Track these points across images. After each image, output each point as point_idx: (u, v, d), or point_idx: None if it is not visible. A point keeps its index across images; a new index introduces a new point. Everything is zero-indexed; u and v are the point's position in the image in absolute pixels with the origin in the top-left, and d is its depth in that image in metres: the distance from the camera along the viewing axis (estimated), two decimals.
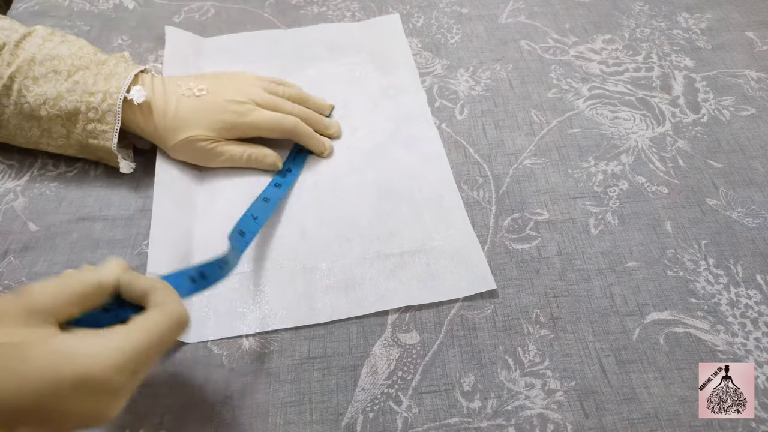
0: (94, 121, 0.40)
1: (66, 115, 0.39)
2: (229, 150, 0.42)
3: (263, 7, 0.59)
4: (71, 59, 0.40)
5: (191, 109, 0.41)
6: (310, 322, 0.36)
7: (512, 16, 0.59)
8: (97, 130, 0.40)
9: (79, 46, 0.42)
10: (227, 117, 0.41)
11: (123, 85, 0.40)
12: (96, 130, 0.40)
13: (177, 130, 0.41)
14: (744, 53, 0.54)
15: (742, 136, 0.47)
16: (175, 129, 0.41)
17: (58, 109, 0.39)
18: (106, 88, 0.40)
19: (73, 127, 0.40)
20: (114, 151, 0.40)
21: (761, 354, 0.35)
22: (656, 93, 0.51)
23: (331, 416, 0.33)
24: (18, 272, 0.38)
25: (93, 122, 0.40)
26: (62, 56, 0.40)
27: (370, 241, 0.40)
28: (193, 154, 0.42)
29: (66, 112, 0.39)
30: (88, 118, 0.39)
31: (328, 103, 0.48)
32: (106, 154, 0.41)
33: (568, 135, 0.47)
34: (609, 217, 0.42)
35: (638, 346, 0.35)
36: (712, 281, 0.39)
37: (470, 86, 0.51)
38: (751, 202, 0.43)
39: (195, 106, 0.41)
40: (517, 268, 0.39)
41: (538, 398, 0.33)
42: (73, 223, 0.41)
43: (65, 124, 0.40)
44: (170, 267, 0.38)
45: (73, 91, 0.39)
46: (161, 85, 0.42)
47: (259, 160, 0.43)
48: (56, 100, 0.39)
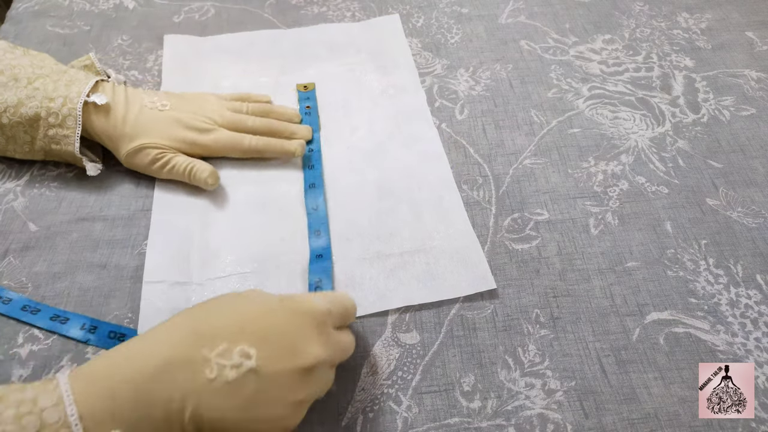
0: (55, 126, 0.40)
1: (27, 121, 0.40)
2: (175, 162, 0.41)
3: (263, 7, 0.59)
4: (32, 68, 0.41)
5: (151, 119, 0.41)
6: None
7: (512, 16, 0.59)
8: (58, 135, 0.40)
9: (41, 59, 0.42)
10: (187, 134, 0.42)
11: (83, 90, 0.40)
12: (57, 135, 0.40)
13: (133, 137, 0.41)
14: (744, 53, 0.54)
15: (742, 136, 0.47)
16: (132, 136, 0.41)
17: (19, 116, 0.40)
18: (66, 93, 0.40)
19: (36, 133, 0.40)
20: (77, 155, 0.40)
21: (761, 354, 0.35)
22: (656, 93, 0.51)
23: (331, 416, 0.33)
24: (18, 272, 0.38)
25: (54, 127, 0.40)
26: (22, 65, 0.41)
27: (370, 241, 0.40)
28: (143, 162, 0.41)
29: (27, 119, 0.40)
30: (49, 123, 0.40)
31: (293, 111, 0.47)
32: (71, 157, 0.41)
33: (568, 135, 0.47)
34: (609, 217, 0.42)
35: (638, 346, 0.35)
36: (712, 281, 0.39)
37: (470, 86, 0.51)
38: (751, 202, 0.43)
39: (156, 117, 0.42)
40: (517, 268, 0.39)
41: (538, 398, 0.33)
42: (73, 223, 0.41)
43: (28, 130, 0.40)
44: (168, 270, 0.38)
45: (33, 98, 0.40)
46: (123, 94, 0.42)
47: (198, 174, 0.41)
48: (17, 107, 0.39)
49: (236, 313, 0.28)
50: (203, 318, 0.28)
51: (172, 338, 0.27)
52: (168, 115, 0.42)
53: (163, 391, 0.25)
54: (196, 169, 0.41)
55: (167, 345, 0.26)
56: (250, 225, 0.41)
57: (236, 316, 0.28)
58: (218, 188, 0.43)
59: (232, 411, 0.26)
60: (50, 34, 0.55)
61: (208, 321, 0.27)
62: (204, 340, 0.26)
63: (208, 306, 0.29)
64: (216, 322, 0.27)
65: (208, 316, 0.28)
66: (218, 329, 0.27)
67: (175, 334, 0.27)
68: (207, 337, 0.26)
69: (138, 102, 0.42)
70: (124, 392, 0.25)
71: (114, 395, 0.25)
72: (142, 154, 0.41)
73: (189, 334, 0.27)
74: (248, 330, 0.27)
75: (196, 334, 0.27)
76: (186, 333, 0.27)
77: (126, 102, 0.42)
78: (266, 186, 0.43)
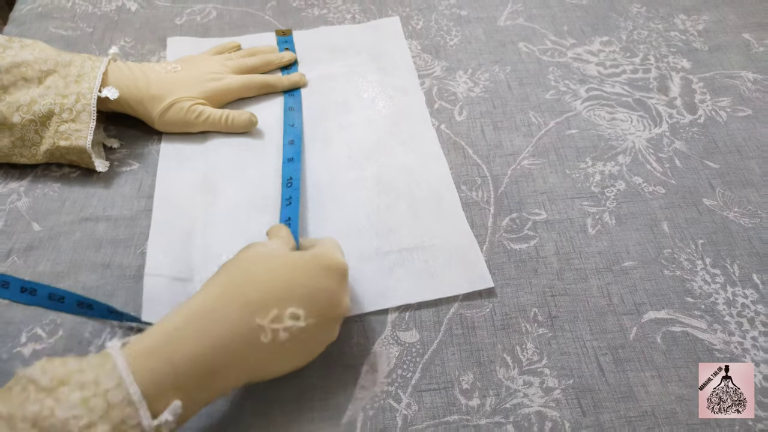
0: (68, 121, 0.41)
1: (40, 119, 0.41)
2: (210, 111, 0.45)
3: (264, 10, 0.60)
4: (38, 64, 0.42)
5: (173, 80, 0.45)
6: None
7: (511, 18, 0.59)
8: (70, 130, 0.41)
9: (40, 49, 0.43)
10: (206, 84, 0.46)
11: (94, 86, 0.42)
12: (69, 130, 0.41)
13: (162, 97, 0.44)
14: (741, 55, 0.55)
15: (739, 136, 0.48)
16: (160, 96, 0.44)
17: (32, 113, 0.40)
18: (78, 90, 0.41)
19: (46, 131, 0.41)
20: (88, 149, 0.41)
21: (758, 353, 0.35)
22: (653, 94, 0.51)
23: (332, 414, 0.33)
24: (22, 272, 0.38)
25: (66, 122, 0.41)
26: (28, 62, 0.41)
27: (368, 238, 0.40)
28: (177, 117, 0.45)
29: (40, 116, 0.41)
30: (62, 119, 0.41)
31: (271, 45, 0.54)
32: (77, 155, 0.42)
33: (566, 136, 0.48)
34: (606, 217, 0.42)
35: (635, 344, 0.36)
36: (708, 281, 0.39)
37: (469, 88, 0.52)
38: (747, 203, 0.43)
39: (176, 78, 0.46)
40: (516, 268, 0.39)
41: (536, 396, 0.34)
42: (77, 223, 0.41)
43: (38, 129, 0.41)
44: (170, 268, 0.38)
45: (46, 96, 0.41)
46: (136, 66, 0.45)
47: (236, 118, 0.46)
48: (30, 105, 0.40)
49: (279, 278, 0.30)
50: (251, 287, 0.29)
51: (226, 314, 0.28)
52: (185, 75, 0.46)
53: (223, 361, 0.28)
54: (232, 115, 0.46)
55: (223, 323, 0.28)
56: (250, 225, 0.41)
57: (280, 281, 0.30)
58: (219, 188, 0.43)
59: (285, 363, 0.30)
60: (53, 35, 0.56)
61: (257, 289, 0.29)
62: (256, 308, 0.29)
63: (248, 270, 0.31)
64: (264, 289, 0.29)
65: (256, 285, 0.30)
66: (268, 296, 0.29)
67: (227, 309, 0.28)
68: (259, 305, 0.29)
69: (152, 69, 0.45)
70: (185, 367, 0.26)
71: (175, 371, 0.26)
72: (175, 108, 0.44)
73: (241, 306, 0.28)
74: (295, 293, 0.30)
75: (248, 305, 0.29)
76: (238, 305, 0.28)
77: (143, 71, 0.45)
78: (267, 186, 0.43)
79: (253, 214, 0.42)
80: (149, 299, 0.36)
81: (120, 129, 0.47)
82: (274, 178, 0.44)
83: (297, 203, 0.40)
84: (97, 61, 0.43)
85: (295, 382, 0.34)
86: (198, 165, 0.45)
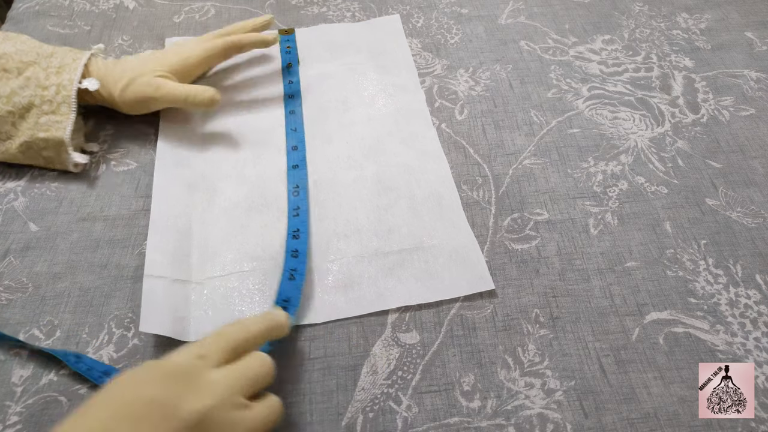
0: (48, 113, 0.41)
1: (20, 111, 0.40)
2: (170, 85, 0.43)
3: (263, 8, 0.59)
4: (18, 55, 0.41)
5: (137, 58, 0.45)
6: (308, 322, 0.36)
7: (512, 16, 0.59)
8: (50, 121, 0.41)
9: (22, 41, 0.43)
10: (168, 57, 0.45)
11: (75, 77, 0.41)
12: (49, 122, 0.41)
13: (122, 75, 0.43)
14: (743, 53, 0.55)
15: (742, 136, 0.48)
16: (121, 74, 0.43)
17: (12, 105, 0.40)
18: (58, 81, 0.41)
19: (23, 123, 0.41)
20: (66, 140, 0.41)
21: (761, 354, 0.35)
22: (656, 93, 0.51)
23: (332, 416, 0.33)
24: (18, 272, 0.38)
25: (47, 114, 0.41)
26: (8, 54, 0.41)
27: (368, 239, 0.40)
28: (138, 93, 0.43)
29: (20, 108, 0.40)
30: (42, 110, 0.41)
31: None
32: (54, 148, 0.41)
33: (568, 135, 0.48)
34: (608, 217, 0.42)
35: (638, 345, 0.36)
36: (711, 281, 0.39)
37: (470, 86, 0.51)
38: (750, 202, 0.43)
39: (141, 56, 0.45)
40: (517, 268, 0.39)
41: (537, 398, 0.33)
42: (74, 223, 0.41)
43: (16, 122, 0.41)
44: (168, 268, 0.38)
45: (26, 87, 0.41)
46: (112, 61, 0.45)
47: (199, 94, 0.43)
48: (9, 97, 0.40)
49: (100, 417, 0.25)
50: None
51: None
52: (152, 54, 0.46)
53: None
54: (195, 91, 0.43)
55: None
56: (249, 224, 0.41)
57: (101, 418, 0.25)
58: (218, 187, 0.43)
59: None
60: (51, 34, 0.55)
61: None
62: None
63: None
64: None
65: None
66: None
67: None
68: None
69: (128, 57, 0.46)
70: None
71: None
72: (135, 84, 0.43)
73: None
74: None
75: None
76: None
77: (120, 60, 0.45)
78: (266, 186, 0.43)
79: (251, 213, 0.41)
80: (148, 301, 0.36)
81: (117, 128, 0.47)
82: (273, 178, 0.44)
83: (305, 215, 0.40)
84: (78, 54, 0.43)
85: (294, 384, 0.34)
86: (196, 164, 0.44)
